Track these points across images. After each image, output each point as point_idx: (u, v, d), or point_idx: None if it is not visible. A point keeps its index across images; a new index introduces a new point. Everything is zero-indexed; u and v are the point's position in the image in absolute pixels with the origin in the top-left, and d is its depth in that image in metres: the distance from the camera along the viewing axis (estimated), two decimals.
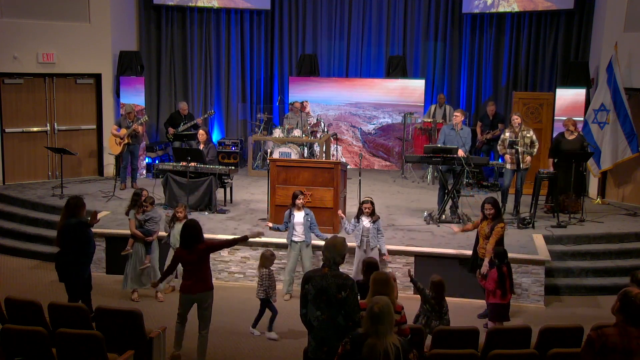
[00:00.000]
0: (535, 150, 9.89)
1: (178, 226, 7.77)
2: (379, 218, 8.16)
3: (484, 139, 12.53)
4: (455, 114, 10.12)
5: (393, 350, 3.96)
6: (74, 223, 6.86)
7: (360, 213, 8.07)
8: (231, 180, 10.62)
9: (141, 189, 8.42)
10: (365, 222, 8.01)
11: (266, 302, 7.20)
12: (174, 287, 8.33)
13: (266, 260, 7.24)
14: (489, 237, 7.40)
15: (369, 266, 6.18)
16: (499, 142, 10.17)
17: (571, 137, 10.26)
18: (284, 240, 8.48)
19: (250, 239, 6.91)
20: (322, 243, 5.67)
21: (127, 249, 8.14)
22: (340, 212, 8.56)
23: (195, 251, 6.19)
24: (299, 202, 8.15)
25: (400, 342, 4.07)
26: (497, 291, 7.00)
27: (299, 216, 8.17)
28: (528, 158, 9.82)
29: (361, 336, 4.11)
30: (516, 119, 9.93)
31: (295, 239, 8.18)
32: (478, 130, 12.73)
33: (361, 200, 8.16)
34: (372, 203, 8.06)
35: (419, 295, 6.53)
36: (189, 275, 6.26)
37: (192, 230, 6.25)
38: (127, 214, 8.21)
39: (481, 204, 7.69)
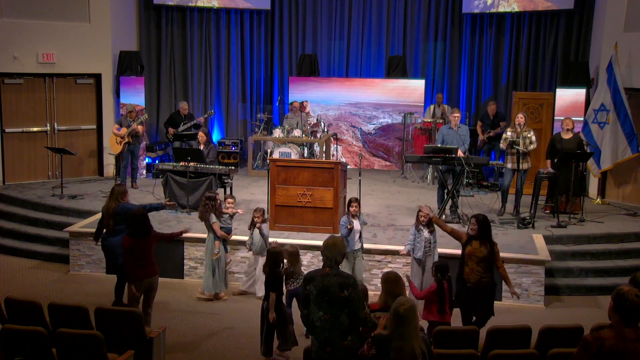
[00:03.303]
0: (531, 147, 9.85)
1: (257, 232, 7.87)
2: (434, 229, 7.65)
3: (485, 138, 12.52)
4: (455, 114, 10.12)
5: (420, 353, 3.95)
6: (129, 208, 7.33)
7: (419, 223, 7.60)
8: (231, 180, 10.61)
9: (214, 193, 8.30)
10: (425, 232, 7.57)
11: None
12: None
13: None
14: (489, 260, 6.49)
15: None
16: (502, 139, 10.16)
17: (567, 137, 10.26)
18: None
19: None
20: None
21: (216, 252, 7.98)
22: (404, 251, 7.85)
23: (148, 240, 6.64)
24: (352, 209, 7.74)
25: (425, 342, 4.07)
26: (433, 306, 6.42)
27: (356, 224, 7.74)
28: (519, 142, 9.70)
29: (386, 338, 4.08)
30: (520, 118, 9.92)
31: (355, 247, 7.75)
32: (479, 129, 12.72)
33: (419, 210, 7.70)
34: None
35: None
36: (135, 263, 6.57)
37: (146, 220, 6.66)
38: (205, 219, 7.98)
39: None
